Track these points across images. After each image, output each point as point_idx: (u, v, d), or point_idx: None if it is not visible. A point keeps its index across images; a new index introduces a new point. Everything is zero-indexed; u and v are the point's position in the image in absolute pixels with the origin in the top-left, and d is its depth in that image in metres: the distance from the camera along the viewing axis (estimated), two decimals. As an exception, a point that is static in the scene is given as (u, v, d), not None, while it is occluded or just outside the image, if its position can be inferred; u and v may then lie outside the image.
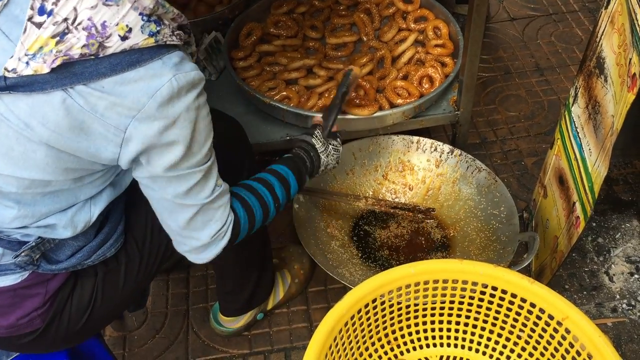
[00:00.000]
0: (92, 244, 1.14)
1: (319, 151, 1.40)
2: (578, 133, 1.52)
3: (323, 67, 1.92)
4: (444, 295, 1.38)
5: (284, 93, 1.84)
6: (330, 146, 1.43)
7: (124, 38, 0.91)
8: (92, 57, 0.91)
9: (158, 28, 0.95)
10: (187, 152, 1.01)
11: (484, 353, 1.44)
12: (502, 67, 2.49)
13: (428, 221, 1.79)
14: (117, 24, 0.91)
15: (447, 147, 1.83)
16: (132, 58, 0.92)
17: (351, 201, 1.75)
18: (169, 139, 0.98)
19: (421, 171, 1.86)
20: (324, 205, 1.78)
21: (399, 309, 1.38)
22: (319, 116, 1.52)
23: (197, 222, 1.10)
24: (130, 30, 0.92)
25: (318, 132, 1.43)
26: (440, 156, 1.84)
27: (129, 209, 1.22)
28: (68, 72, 0.90)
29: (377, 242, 1.77)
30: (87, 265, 1.15)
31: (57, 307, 1.16)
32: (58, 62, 0.89)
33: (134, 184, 1.13)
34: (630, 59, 1.20)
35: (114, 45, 0.91)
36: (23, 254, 1.07)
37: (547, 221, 1.72)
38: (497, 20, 2.70)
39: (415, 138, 1.85)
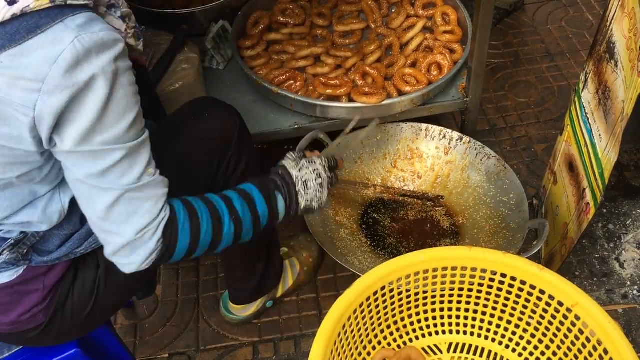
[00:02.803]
0: (82, 232, 1.10)
1: (287, 167, 1.24)
2: (588, 119, 1.50)
3: (331, 55, 1.92)
4: (453, 282, 1.38)
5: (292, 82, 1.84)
6: (304, 161, 1.26)
7: (11, 2, 0.81)
8: None
9: None
10: (99, 123, 0.88)
11: (493, 340, 1.44)
12: (512, 53, 2.47)
13: (437, 209, 1.79)
14: None
15: (456, 135, 1.82)
16: (30, 24, 0.83)
17: (360, 189, 1.75)
18: (79, 107, 0.87)
19: (430, 159, 1.86)
20: (332, 194, 1.78)
21: (408, 297, 1.39)
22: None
23: (118, 213, 0.96)
24: None
25: (289, 153, 1.28)
26: (449, 143, 1.83)
27: None
28: None
29: (386, 229, 1.77)
30: (81, 253, 1.13)
31: (59, 301, 1.14)
32: None
33: None
34: (641, 44, 1.19)
35: (1, 11, 0.81)
36: (5, 251, 1.04)
37: (557, 208, 1.71)
38: (507, 6, 2.67)
39: (424, 125, 1.85)
